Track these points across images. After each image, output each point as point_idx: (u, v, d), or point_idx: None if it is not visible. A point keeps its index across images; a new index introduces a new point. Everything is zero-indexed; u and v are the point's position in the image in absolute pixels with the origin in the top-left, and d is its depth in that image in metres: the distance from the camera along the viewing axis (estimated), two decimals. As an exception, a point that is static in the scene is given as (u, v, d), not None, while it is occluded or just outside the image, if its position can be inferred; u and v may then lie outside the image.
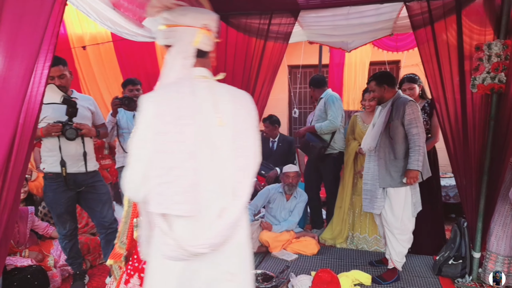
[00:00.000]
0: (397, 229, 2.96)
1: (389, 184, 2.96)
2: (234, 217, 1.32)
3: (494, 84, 2.69)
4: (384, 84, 3.06)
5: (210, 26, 1.42)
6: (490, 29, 2.77)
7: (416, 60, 5.26)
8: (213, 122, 1.33)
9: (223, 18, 3.42)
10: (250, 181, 1.40)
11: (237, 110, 1.39)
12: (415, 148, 2.89)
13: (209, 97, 1.35)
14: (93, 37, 5.16)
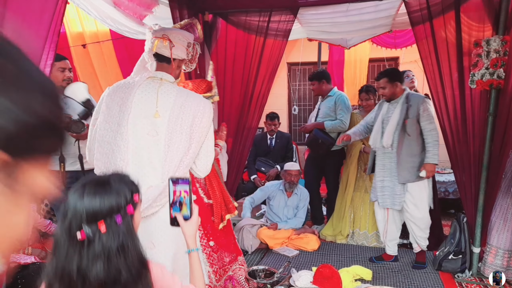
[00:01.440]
0: (421, 219, 3.13)
1: (407, 180, 3.08)
2: (153, 196, 1.60)
3: (493, 80, 2.70)
4: (397, 81, 3.10)
5: (173, 38, 1.75)
6: (488, 25, 2.78)
7: (414, 56, 5.27)
8: (151, 113, 1.67)
9: (223, 16, 3.43)
10: (175, 168, 1.66)
11: (178, 109, 1.68)
12: (433, 142, 3.02)
13: (153, 95, 1.69)
14: (93, 35, 5.16)
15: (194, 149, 1.71)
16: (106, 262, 0.95)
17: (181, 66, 1.88)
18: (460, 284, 2.96)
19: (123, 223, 1.00)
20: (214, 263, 2.65)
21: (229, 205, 2.80)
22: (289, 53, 5.80)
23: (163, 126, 1.66)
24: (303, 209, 3.92)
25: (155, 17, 2.92)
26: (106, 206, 0.98)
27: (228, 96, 3.50)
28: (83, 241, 0.95)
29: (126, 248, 0.98)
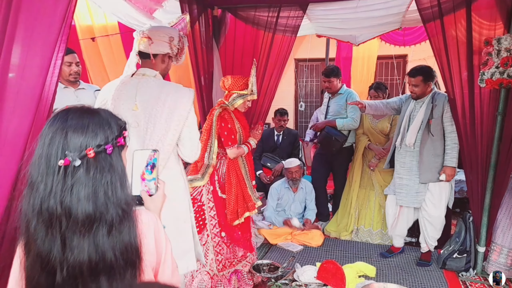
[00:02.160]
0: (437, 218, 3.16)
1: (429, 180, 3.09)
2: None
3: (503, 79, 2.68)
4: (430, 81, 3.10)
5: (152, 35, 1.87)
6: (500, 23, 2.76)
7: (423, 55, 5.24)
8: (131, 106, 1.83)
9: (232, 11, 3.43)
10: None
11: (154, 100, 1.82)
12: (452, 145, 3.02)
13: (133, 90, 1.85)
14: (103, 28, 5.19)
15: (172, 136, 1.84)
16: (92, 195, 0.88)
17: (167, 60, 1.97)
18: (464, 283, 2.96)
19: (113, 154, 0.93)
20: (221, 252, 2.73)
21: (249, 203, 2.81)
22: (297, 49, 5.80)
23: (142, 117, 1.83)
24: (312, 202, 3.97)
25: (165, 11, 2.93)
26: (95, 133, 0.90)
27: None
28: (67, 168, 0.87)
29: (115, 183, 0.91)
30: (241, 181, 2.80)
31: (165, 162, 1.86)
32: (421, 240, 3.31)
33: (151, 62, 1.89)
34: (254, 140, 2.87)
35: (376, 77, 5.98)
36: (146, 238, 0.99)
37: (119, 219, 0.90)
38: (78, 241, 0.87)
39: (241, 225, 2.82)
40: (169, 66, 2.02)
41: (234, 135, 2.70)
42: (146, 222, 1.00)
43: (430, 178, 3.10)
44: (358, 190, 3.91)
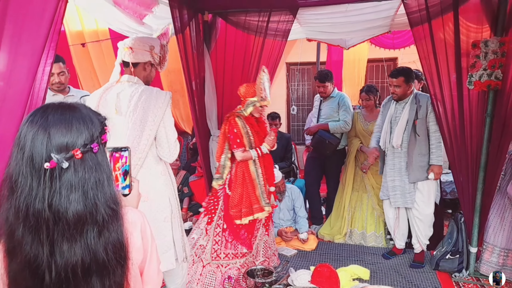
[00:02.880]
0: (428, 216, 3.22)
1: (418, 179, 3.15)
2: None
3: (490, 81, 2.72)
4: (411, 82, 3.16)
5: (133, 46, 2.02)
6: (487, 26, 2.80)
7: (413, 57, 5.28)
8: (112, 111, 1.95)
9: (222, 16, 3.44)
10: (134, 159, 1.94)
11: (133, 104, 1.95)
12: (437, 144, 3.09)
13: (114, 95, 1.99)
14: (93, 33, 5.16)
15: (147, 135, 1.95)
16: (82, 196, 0.85)
17: (149, 67, 2.11)
18: (457, 284, 2.97)
19: (98, 152, 0.90)
20: (218, 243, 2.92)
21: (254, 205, 2.93)
22: (288, 53, 5.81)
23: (122, 120, 1.97)
24: (302, 208, 3.92)
25: (155, 16, 2.93)
26: (79, 131, 0.86)
27: (228, 95, 3.51)
28: (53, 171, 0.82)
29: (102, 182, 0.88)
30: (249, 183, 2.93)
31: (142, 161, 1.96)
32: (414, 241, 3.33)
33: (132, 70, 2.04)
34: (267, 146, 2.98)
35: (366, 80, 6.02)
36: (133, 236, 0.97)
37: (108, 219, 0.88)
38: (69, 244, 0.84)
39: (246, 226, 2.94)
40: (152, 73, 2.13)
41: (240, 138, 2.86)
42: (132, 220, 0.99)
43: (418, 177, 3.16)
44: (351, 193, 3.92)
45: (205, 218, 3.02)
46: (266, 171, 3.02)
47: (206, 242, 2.93)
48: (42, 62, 2.01)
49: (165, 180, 2.08)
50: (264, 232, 3.11)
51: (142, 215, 1.05)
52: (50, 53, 2.04)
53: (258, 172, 2.97)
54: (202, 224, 3.01)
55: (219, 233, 2.95)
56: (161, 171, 2.07)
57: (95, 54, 5.32)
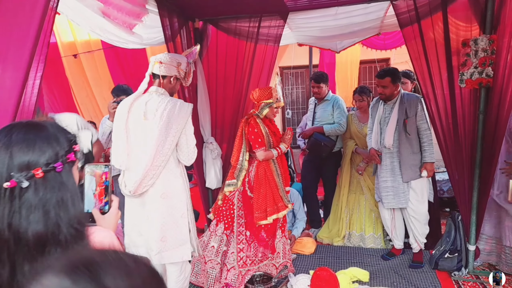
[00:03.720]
0: (423, 214, 3.24)
1: (411, 178, 3.17)
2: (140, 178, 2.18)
3: (482, 78, 2.73)
4: (398, 82, 3.17)
5: (163, 60, 2.30)
6: (476, 25, 2.82)
7: (405, 57, 5.30)
8: (140, 117, 2.23)
9: (213, 23, 3.44)
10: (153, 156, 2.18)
11: (159, 113, 2.20)
12: (429, 142, 3.13)
13: (143, 103, 2.24)
14: (86, 44, 5.15)
15: (170, 141, 2.19)
16: (43, 216, 0.83)
17: (174, 81, 2.35)
18: (456, 282, 2.97)
19: (63, 172, 0.88)
20: (243, 250, 2.95)
21: (279, 203, 2.97)
22: (281, 57, 5.83)
23: (149, 126, 2.22)
24: (300, 210, 3.93)
25: (145, 25, 2.92)
26: (42, 150, 0.85)
27: (221, 101, 3.50)
28: (13, 190, 0.81)
29: (66, 202, 0.86)
30: (271, 182, 2.99)
31: (165, 163, 2.22)
32: (412, 241, 3.33)
33: (160, 82, 2.30)
34: (285, 145, 3.06)
35: (360, 81, 6.04)
36: None
37: (72, 239, 0.85)
38: (31, 265, 0.81)
39: (267, 226, 2.95)
40: (176, 86, 2.39)
41: (261, 138, 2.94)
42: (100, 240, 0.96)
43: (411, 176, 3.17)
44: (347, 195, 3.92)
45: (220, 225, 3.03)
46: (283, 171, 3.10)
47: (227, 247, 2.98)
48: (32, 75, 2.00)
49: (183, 181, 2.34)
50: (281, 234, 3.13)
51: (112, 235, 1.02)
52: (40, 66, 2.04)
53: (278, 171, 3.05)
54: (219, 231, 3.03)
55: (242, 241, 2.97)
56: (180, 173, 2.32)
57: (88, 64, 5.32)
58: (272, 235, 3.01)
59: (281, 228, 3.11)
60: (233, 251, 2.95)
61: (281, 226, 3.11)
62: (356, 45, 4.95)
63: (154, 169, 2.18)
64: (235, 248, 2.95)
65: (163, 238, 2.23)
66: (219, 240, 3.00)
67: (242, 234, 2.99)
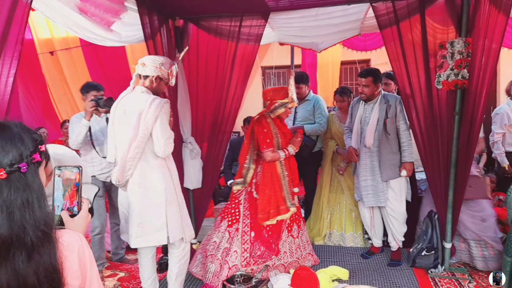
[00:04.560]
0: (401, 213, 3.29)
1: (390, 177, 3.22)
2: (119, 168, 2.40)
3: (458, 80, 2.80)
4: (379, 83, 3.22)
5: (145, 62, 2.44)
6: (452, 28, 2.89)
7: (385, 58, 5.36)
8: (122, 112, 2.42)
9: (194, 21, 3.41)
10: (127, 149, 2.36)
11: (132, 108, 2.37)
12: (408, 142, 3.19)
13: (126, 101, 2.44)
14: (63, 41, 5.03)
15: (142, 135, 2.33)
16: (7, 218, 0.81)
17: (157, 81, 2.47)
18: (433, 279, 3.03)
19: (28, 172, 0.87)
20: (247, 250, 3.00)
21: (281, 206, 3.01)
22: (263, 57, 5.83)
23: (126, 120, 2.39)
24: None
25: (124, 23, 2.87)
26: (6, 151, 0.84)
27: (202, 100, 3.47)
28: None
29: (32, 203, 0.85)
30: (276, 184, 3.01)
31: (139, 155, 2.36)
32: (390, 239, 3.38)
33: (143, 81, 2.46)
34: (293, 147, 3.08)
35: (341, 82, 6.11)
36: (69, 260, 0.92)
37: (39, 242, 0.84)
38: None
39: (271, 228, 3.02)
40: (160, 86, 2.51)
41: (269, 139, 2.96)
42: (68, 243, 0.94)
43: (391, 176, 3.23)
44: (328, 194, 3.96)
45: (224, 222, 3.10)
46: (291, 172, 3.10)
47: (230, 244, 3.00)
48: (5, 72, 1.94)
49: (163, 172, 2.44)
50: (287, 234, 3.14)
51: (81, 238, 1.00)
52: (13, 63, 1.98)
53: (284, 173, 3.06)
54: (222, 228, 3.09)
55: (247, 241, 3.01)
56: (158, 164, 2.43)
57: (65, 62, 5.20)
58: (277, 236, 3.04)
59: (287, 229, 3.14)
60: (236, 250, 2.97)
61: (287, 227, 3.14)
62: (337, 46, 5.00)
63: (130, 160, 2.36)
64: (239, 247, 2.98)
65: (141, 224, 2.41)
66: (221, 237, 3.06)
67: (246, 234, 3.02)
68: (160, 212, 2.41)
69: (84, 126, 2.98)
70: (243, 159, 3.12)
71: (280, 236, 3.08)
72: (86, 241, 1.01)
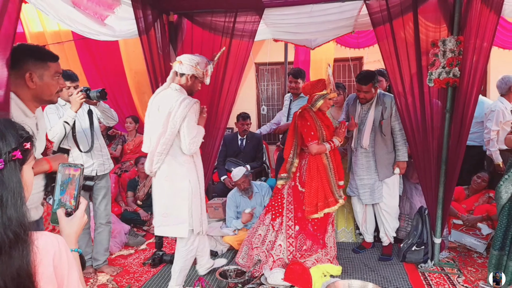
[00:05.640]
0: (394, 208, 3.38)
1: (386, 176, 3.29)
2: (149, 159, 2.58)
3: (449, 78, 2.84)
4: (377, 84, 3.27)
5: (182, 60, 2.56)
6: (444, 26, 2.92)
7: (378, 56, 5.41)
8: (156, 110, 2.55)
9: (188, 16, 3.40)
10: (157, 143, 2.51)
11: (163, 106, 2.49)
12: (403, 142, 3.23)
13: (160, 98, 2.56)
14: (55, 34, 4.97)
15: (170, 133, 2.45)
16: None
17: (192, 79, 2.58)
18: (423, 274, 3.08)
19: (5, 170, 0.84)
20: (292, 244, 3.05)
21: (329, 198, 3.01)
22: (257, 53, 5.84)
23: (159, 118, 2.51)
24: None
25: (117, 17, 2.86)
26: None
27: (196, 96, 3.46)
28: None
29: (5, 202, 0.81)
30: (323, 176, 3.01)
31: (167, 151, 2.50)
32: (382, 235, 3.43)
33: (179, 79, 2.57)
34: (338, 139, 3.05)
35: (334, 79, 6.11)
36: (43, 265, 0.88)
37: (9, 243, 0.80)
38: None
39: (317, 221, 3.03)
40: (195, 84, 2.62)
41: (314, 131, 2.96)
42: (44, 247, 0.89)
43: (387, 175, 3.29)
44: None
45: (268, 215, 3.17)
46: (337, 165, 3.11)
47: (275, 238, 3.07)
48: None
49: (188, 168, 2.57)
50: (331, 228, 3.17)
51: (59, 241, 0.95)
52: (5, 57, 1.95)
53: (330, 165, 3.06)
54: (267, 221, 3.16)
55: (291, 235, 3.05)
56: (185, 160, 2.56)
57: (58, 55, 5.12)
58: (324, 230, 3.07)
59: (332, 223, 3.17)
60: (281, 244, 3.04)
61: (332, 221, 3.17)
62: (330, 43, 5.02)
63: (157, 155, 2.50)
64: (285, 241, 3.04)
65: (164, 214, 2.59)
66: (266, 230, 3.14)
67: (291, 228, 3.06)
68: (183, 206, 2.55)
69: (71, 118, 2.68)
70: (287, 153, 3.15)
71: (327, 230, 3.10)
72: (65, 245, 0.96)
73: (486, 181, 3.94)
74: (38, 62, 1.68)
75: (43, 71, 1.68)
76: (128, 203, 4.59)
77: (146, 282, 3.06)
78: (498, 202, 2.66)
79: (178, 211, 2.56)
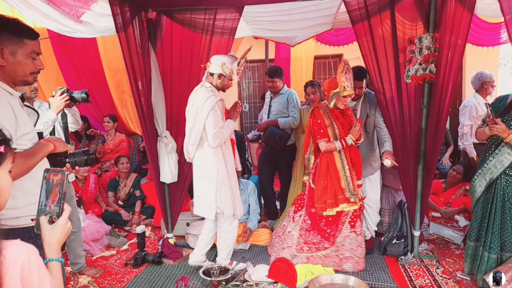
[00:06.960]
0: (376, 202, 3.47)
1: (370, 173, 3.35)
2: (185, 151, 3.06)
3: (425, 74, 2.90)
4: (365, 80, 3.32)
5: (212, 60, 2.88)
6: (420, 24, 2.98)
7: (357, 53, 5.48)
8: (190, 106, 2.90)
9: (167, 14, 3.36)
10: (188, 137, 2.93)
11: (193, 102, 2.86)
12: (388, 135, 3.24)
13: (194, 96, 2.90)
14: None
15: (198, 127, 2.81)
16: None
17: (222, 77, 2.87)
18: (403, 266, 3.15)
19: None
20: (301, 234, 3.16)
21: (339, 196, 3.04)
22: (237, 50, 5.81)
23: (192, 113, 2.87)
24: (255, 202, 3.99)
25: (94, 14, 2.80)
26: None
27: (177, 95, 3.44)
28: None
29: None
30: (333, 174, 3.05)
31: (197, 143, 2.87)
32: (364, 229, 3.47)
33: (211, 78, 2.89)
34: (352, 137, 3.03)
35: (314, 76, 6.17)
36: (8, 276, 0.82)
37: None
38: None
39: (330, 218, 3.08)
40: (224, 82, 2.90)
41: (323, 129, 3.03)
42: (12, 257, 0.83)
43: (370, 172, 3.36)
44: (302, 187, 4.01)
45: (292, 208, 3.34)
46: (353, 164, 3.09)
47: (292, 229, 3.21)
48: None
49: (217, 158, 2.86)
50: (349, 229, 3.10)
51: (29, 252, 0.88)
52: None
53: (344, 163, 3.07)
54: (291, 213, 3.32)
55: (303, 228, 3.17)
56: (213, 151, 2.86)
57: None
58: (335, 227, 3.09)
59: (350, 223, 3.09)
60: (294, 234, 3.17)
61: (350, 221, 3.10)
62: (310, 41, 5.05)
63: (190, 146, 2.90)
64: (297, 232, 3.17)
65: (197, 197, 2.99)
66: (288, 221, 3.33)
67: (305, 222, 3.18)
68: (210, 192, 2.88)
69: (51, 121, 2.55)
70: (305, 150, 3.30)
71: (340, 228, 3.09)
72: (37, 255, 0.90)
73: (461, 173, 4.08)
74: (12, 37, 1.49)
75: (17, 48, 1.50)
76: (109, 204, 4.52)
77: (128, 283, 3.02)
78: (473, 196, 2.75)
79: (206, 196, 2.90)
